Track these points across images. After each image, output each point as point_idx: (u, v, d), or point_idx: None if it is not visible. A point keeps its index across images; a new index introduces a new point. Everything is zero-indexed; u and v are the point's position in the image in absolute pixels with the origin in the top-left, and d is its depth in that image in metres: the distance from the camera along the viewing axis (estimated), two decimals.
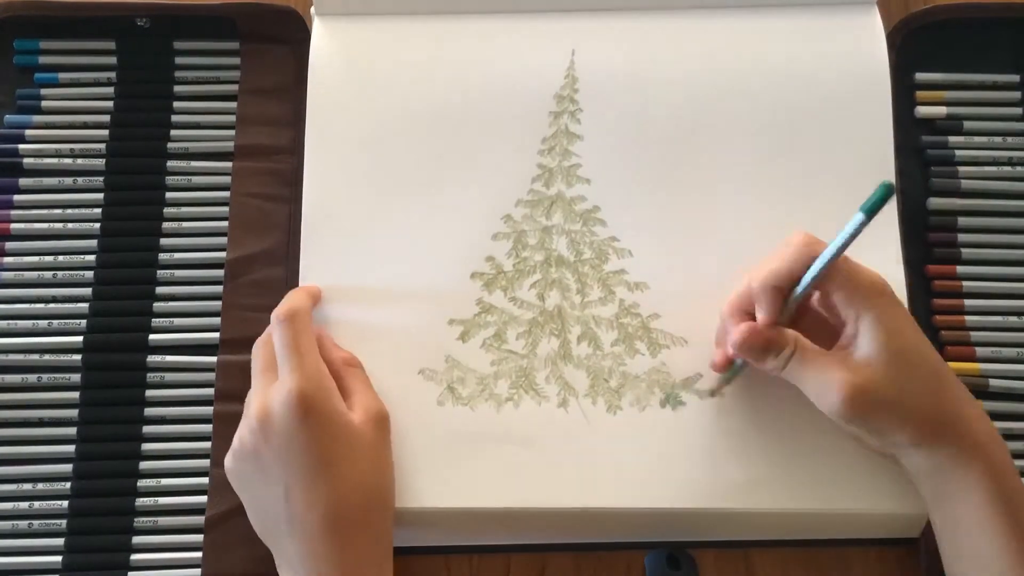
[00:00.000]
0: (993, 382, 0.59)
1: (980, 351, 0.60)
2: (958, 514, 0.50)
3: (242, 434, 0.52)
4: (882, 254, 0.60)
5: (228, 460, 0.53)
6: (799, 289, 0.51)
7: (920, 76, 0.65)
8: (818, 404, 0.52)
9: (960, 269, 0.61)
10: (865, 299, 0.50)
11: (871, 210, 0.46)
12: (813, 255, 0.50)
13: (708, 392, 0.57)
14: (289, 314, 0.54)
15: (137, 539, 0.57)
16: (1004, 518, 0.49)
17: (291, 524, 0.49)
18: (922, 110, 0.64)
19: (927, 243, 0.62)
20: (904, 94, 0.64)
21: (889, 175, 0.61)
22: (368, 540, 0.50)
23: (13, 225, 0.62)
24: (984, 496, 0.49)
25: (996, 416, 0.59)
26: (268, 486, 0.50)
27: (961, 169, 0.63)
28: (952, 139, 0.64)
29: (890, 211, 0.60)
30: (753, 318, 0.53)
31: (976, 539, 0.50)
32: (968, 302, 0.61)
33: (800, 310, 0.53)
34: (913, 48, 0.65)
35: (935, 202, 0.62)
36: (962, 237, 0.62)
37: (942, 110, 0.64)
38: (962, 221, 0.62)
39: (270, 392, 0.51)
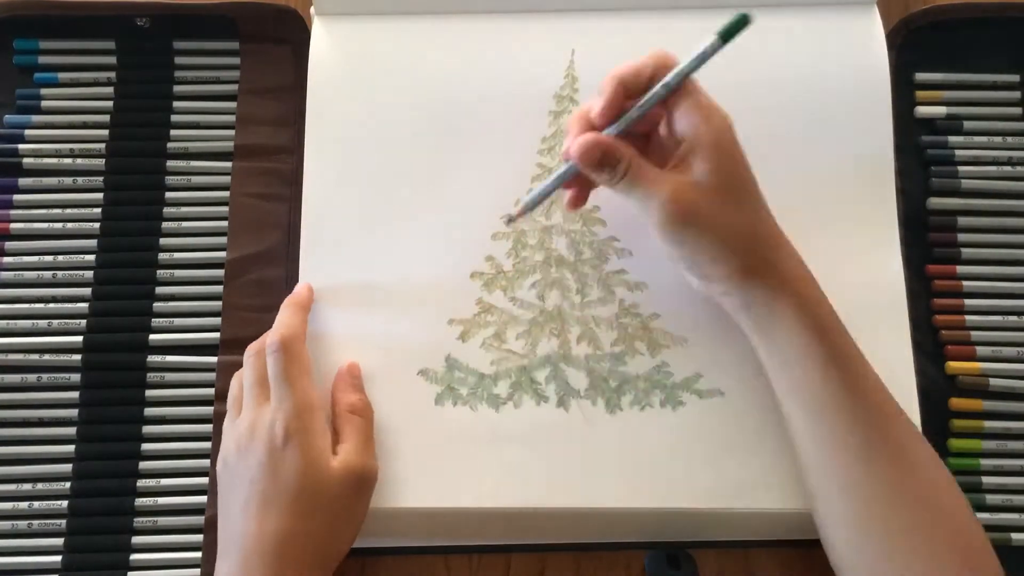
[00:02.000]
0: (993, 382, 0.59)
1: (980, 351, 0.60)
2: (780, 347, 0.52)
3: (227, 444, 0.53)
4: (882, 254, 0.60)
5: (218, 463, 0.54)
6: (646, 97, 0.51)
7: (920, 76, 0.65)
8: (645, 220, 0.52)
9: (960, 269, 0.61)
10: (708, 118, 0.51)
11: (726, 35, 0.48)
12: (664, 65, 0.51)
13: (508, 217, 0.57)
14: (282, 342, 0.54)
15: (137, 539, 0.57)
16: (819, 346, 0.51)
17: (233, 543, 0.50)
18: (922, 110, 0.64)
19: (927, 243, 0.62)
20: (904, 94, 0.64)
21: (889, 175, 0.61)
22: None
23: (13, 225, 0.62)
24: (798, 327, 0.51)
25: (996, 416, 0.59)
26: (234, 499, 0.51)
27: (961, 169, 0.63)
28: (952, 139, 0.64)
29: (890, 211, 0.60)
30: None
31: (795, 369, 0.52)
32: (968, 302, 0.61)
33: (645, 127, 0.54)
34: (913, 48, 0.65)
35: (935, 202, 0.62)
36: (962, 237, 0.62)
37: (942, 110, 0.64)
38: (962, 221, 0.62)
39: (262, 413, 0.52)
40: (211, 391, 0.59)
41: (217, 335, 0.60)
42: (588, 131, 0.52)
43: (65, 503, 0.57)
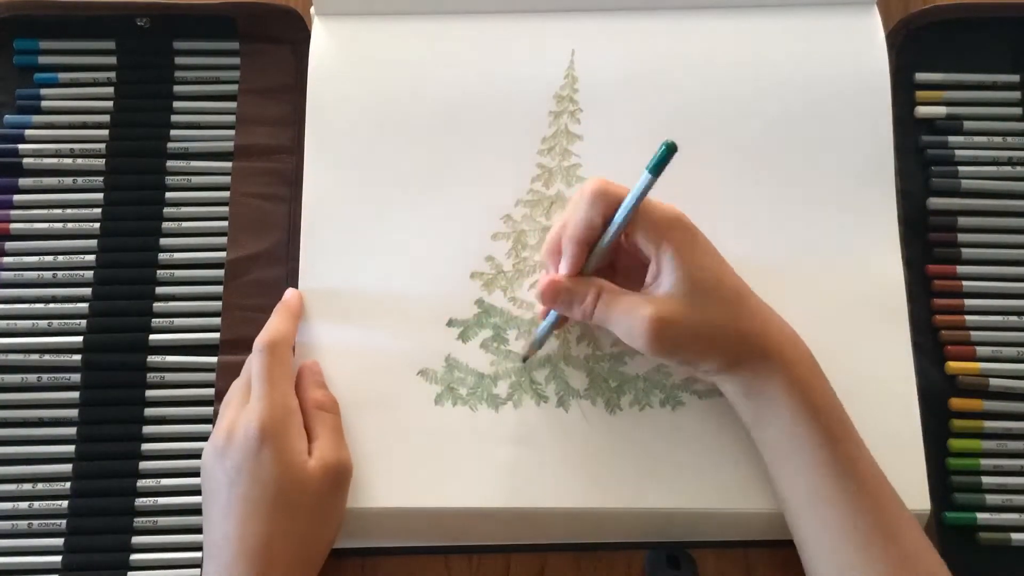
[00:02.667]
0: (993, 382, 0.59)
1: (980, 351, 0.60)
2: (772, 434, 0.53)
3: (207, 450, 0.53)
4: (882, 254, 0.60)
5: (201, 462, 0.54)
6: (600, 245, 0.52)
7: (920, 76, 0.65)
8: (629, 342, 0.52)
9: (960, 269, 0.61)
10: (663, 234, 0.51)
11: (655, 169, 0.48)
12: (609, 202, 0.51)
13: (521, 358, 0.58)
14: (269, 344, 0.55)
15: (137, 539, 0.57)
16: (813, 428, 0.51)
17: (217, 547, 0.50)
18: (922, 110, 0.64)
19: (927, 243, 0.62)
20: (904, 94, 0.64)
21: (889, 175, 0.61)
22: None
23: (13, 225, 0.62)
24: (791, 411, 0.51)
25: (996, 416, 0.59)
26: (216, 503, 0.51)
27: (961, 169, 0.63)
28: (952, 139, 0.64)
29: (890, 211, 0.60)
30: None
31: (791, 455, 0.52)
32: (968, 302, 0.61)
33: (614, 252, 0.54)
34: (913, 48, 0.65)
35: (935, 202, 0.62)
36: (962, 237, 0.62)
37: (942, 110, 0.64)
38: (962, 221, 0.62)
39: (240, 413, 0.52)
40: (211, 391, 0.59)
41: (217, 335, 0.60)
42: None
43: (65, 503, 0.57)
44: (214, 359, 0.59)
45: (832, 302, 0.56)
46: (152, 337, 0.60)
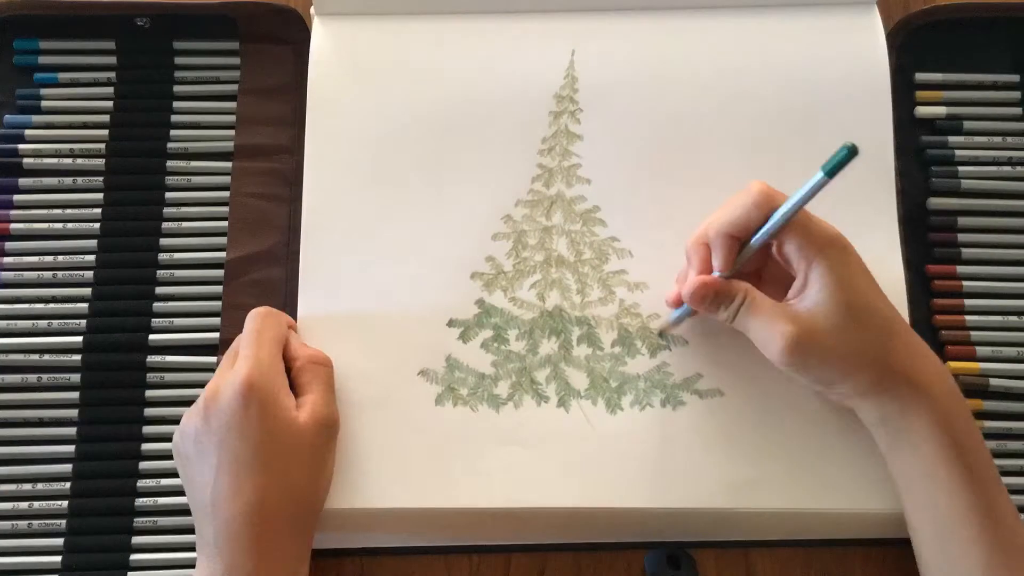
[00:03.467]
0: (993, 382, 0.59)
1: (980, 351, 0.60)
2: (910, 464, 0.52)
3: (189, 412, 0.53)
4: (882, 254, 0.60)
5: (175, 435, 0.53)
6: (753, 241, 0.52)
7: (920, 76, 0.65)
8: (764, 352, 0.52)
9: (960, 269, 0.61)
10: (818, 250, 0.51)
11: (832, 171, 0.47)
12: (771, 206, 0.51)
13: (657, 332, 0.58)
14: (266, 310, 0.56)
15: (137, 539, 0.57)
16: (954, 467, 0.50)
17: (214, 507, 0.50)
18: (922, 110, 0.64)
19: (927, 243, 0.62)
20: (904, 94, 0.64)
21: (889, 175, 0.61)
22: (285, 538, 0.50)
23: (13, 225, 0.62)
24: (933, 446, 0.50)
25: (996, 416, 0.59)
26: (202, 467, 0.51)
27: (961, 169, 0.63)
28: (952, 139, 0.64)
29: (890, 211, 0.60)
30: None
31: (928, 489, 0.51)
32: (968, 302, 0.61)
33: (760, 259, 0.54)
34: (913, 48, 0.65)
35: (935, 202, 0.62)
36: (962, 237, 0.62)
37: (942, 110, 0.64)
38: (962, 221, 0.62)
39: (224, 376, 0.52)
40: None
41: (217, 335, 0.60)
42: (706, 258, 0.54)
43: (65, 503, 0.57)
44: (214, 359, 0.59)
45: None
46: (152, 337, 0.60)
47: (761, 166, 0.61)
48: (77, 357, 0.60)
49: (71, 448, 0.58)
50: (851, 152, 0.45)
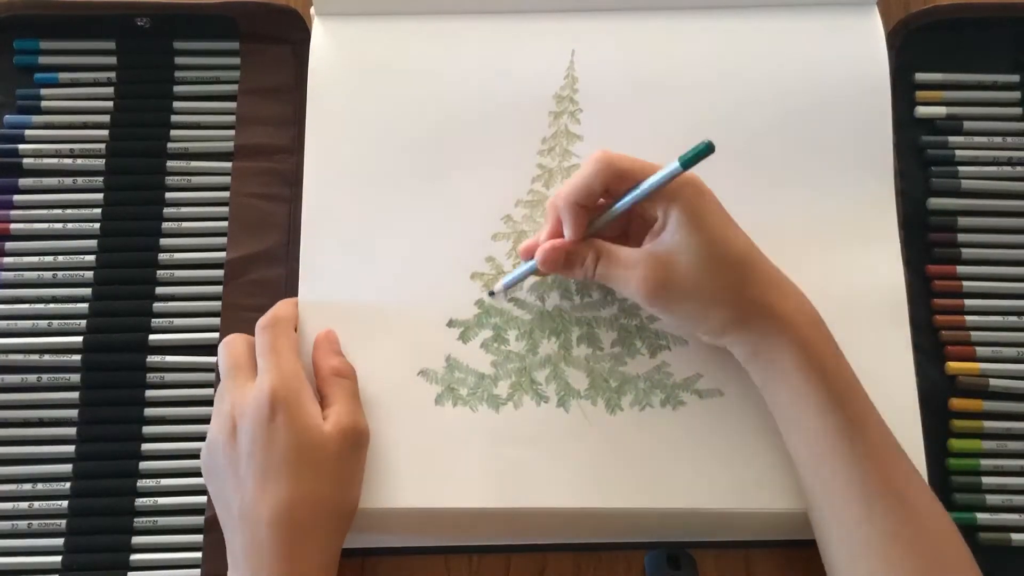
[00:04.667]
0: (993, 382, 0.59)
1: (980, 351, 0.60)
2: (780, 394, 0.53)
3: (214, 428, 0.53)
4: (882, 254, 0.60)
5: (202, 453, 0.54)
6: (601, 219, 0.54)
7: (920, 76, 0.65)
8: (630, 298, 0.55)
9: (960, 269, 0.61)
10: (671, 192, 0.52)
11: (687, 163, 0.49)
12: (612, 172, 0.52)
13: (489, 291, 0.59)
14: (272, 320, 0.56)
15: (137, 539, 0.57)
16: (819, 390, 0.51)
17: (242, 516, 0.50)
18: (922, 110, 0.64)
19: (927, 243, 0.62)
20: (904, 94, 0.64)
21: (889, 175, 0.61)
22: (313, 547, 0.50)
23: (13, 225, 0.62)
24: (799, 373, 0.51)
25: (996, 416, 0.59)
26: (230, 478, 0.51)
27: (961, 169, 0.63)
28: (952, 139, 0.64)
29: (890, 211, 0.60)
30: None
31: (798, 415, 0.52)
32: (968, 302, 0.61)
33: (623, 222, 0.55)
34: (913, 48, 0.65)
35: (935, 202, 0.62)
36: (962, 237, 0.62)
37: (942, 110, 0.64)
38: (962, 221, 0.62)
39: (246, 389, 0.52)
40: (211, 391, 0.59)
41: (217, 335, 0.60)
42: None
43: (65, 503, 0.57)
44: (214, 359, 0.59)
45: (832, 302, 0.56)
46: (152, 337, 0.60)
47: (760, 165, 0.61)
48: (77, 357, 0.60)
49: (71, 448, 0.58)
50: (708, 148, 0.48)
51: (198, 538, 0.56)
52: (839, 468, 0.50)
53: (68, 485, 0.58)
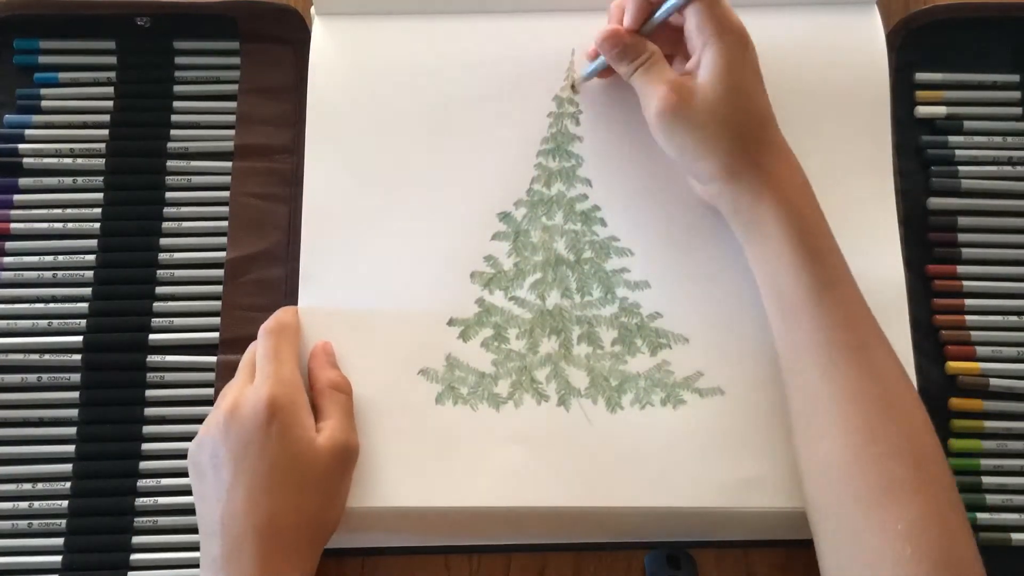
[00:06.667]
0: (993, 381, 0.59)
1: (980, 351, 0.60)
2: (760, 251, 0.54)
3: (208, 424, 0.52)
4: (882, 254, 0.60)
5: (191, 447, 0.53)
6: (661, 11, 0.55)
7: (920, 76, 0.65)
8: (644, 113, 0.56)
9: (960, 269, 0.61)
10: (718, 34, 0.53)
11: None
12: None
13: (569, 86, 0.62)
14: (276, 326, 0.56)
15: (137, 539, 0.57)
16: (798, 250, 0.52)
17: (223, 524, 0.49)
18: (922, 110, 0.64)
19: (927, 243, 0.62)
20: (904, 94, 0.64)
21: (889, 175, 0.61)
22: (293, 560, 0.50)
23: (13, 225, 0.62)
24: (780, 233, 0.53)
25: (996, 416, 0.59)
26: (215, 480, 0.51)
27: (961, 169, 0.63)
28: (952, 139, 0.64)
29: (890, 211, 0.60)
30: None
31: (776, 272, 0.53)
32: (968, 302, 0.61)
33: (675, 39, 0.57)
34: (913, 48, 0.65)
35: (935, 202, 0.62)
36: (962, 237, 0.62)
37: (942, 110, 0.64)
38: (962, 221, 0.62)
39: (245, 391, 0.52)
40: (211, 391, 0.59)
41: (217, 335, 0.60)
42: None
43: (65, 503, 0.57)
44: (214, 359, 0.59)
45: None
46: (152, 337, 0.60)
47: None
48: (77, 357, 0.60)
49: (71, 448, 0.58)
50: None
51: (198, 538, 0.56)
52: (806, 323, 0.52)
53: (68, 485, 0.58)
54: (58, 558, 0.56)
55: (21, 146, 0.63)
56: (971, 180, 0.63)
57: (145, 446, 0.58)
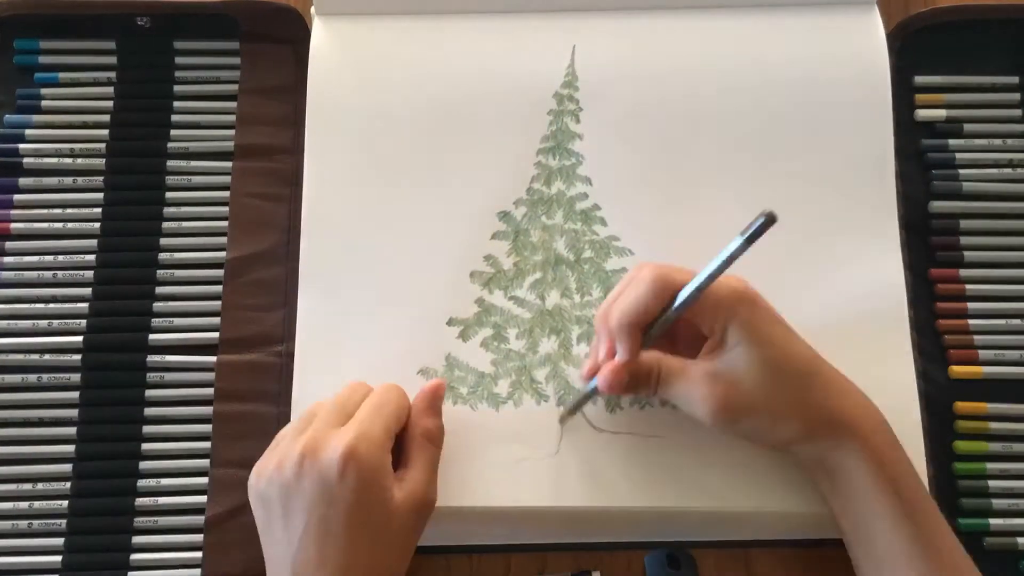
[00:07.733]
0: (996, 384, 0.59)
1: (983, 354, 0.60)
2: (848, 503, 0.52)
3: (282, 457, 0.50)
4: (883, 258, 0.60)
5: (260, 478, 0.50)
6: (663, 319, 0.50)
7: (920, 79, 0.65)
8: (693, 415, 0.52)
9: (963, 272, 0.61)
10: (727, 309, 0.50)
11: (752, 238, 0.44)
12: (669, 289, 0.49)
13: (559, 418, 0.56)
14: (392, 386, 0.54)
15: (137, 539, 0.57)
16: (890, 501, 0.50)
17: (293, 570, 0.48)
18: (922, 113, 0.64)
19: (929, 247, 0.62)
20: (904, 97, 0.64)
21: (890, 178, 0.61)
22: None
23: (13, 225, 0.62)
24: (868, 483, 0.50)
25: (997, 417, 0.59)
26: (286, 523, 0.49)
27: (962, 172, 0.63)
28: (952, 142, 0.64)
29: (891, 215, 0.60)
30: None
31: (869, 526, 0.51)
32: (971, 305, 0.61)
33: (673, 324, 0.52)
34: (913, 50, 0.65)
35: (936, 205, 0.62)
36: (964, 240, 0.62)
37: (942, 112, 0.64)
38: (964, 224, 0.62)
39: (329, 434, 0.50)
40: (211, 391, 0.59)
41: (217, 335, 0.60)
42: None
43: (65, 503, 0.57)
44: (214, 359, 0.59)
45: (832, 306, 0.56)
46: (152, 337, 0.60)
47: (760, 167, 0.61)
48: (77, 357, 0.59)
49: (71, 448, 0.58)
50: (769, 219, 0.43)
51: (198, 538, 0.56)
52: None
53: (68, 485, 0.57)
54: (58, 558, 0.56)
55: (21, 146, 0.63)
56: (972, 183, 0.63)
57: (145, 446, 0.58)
